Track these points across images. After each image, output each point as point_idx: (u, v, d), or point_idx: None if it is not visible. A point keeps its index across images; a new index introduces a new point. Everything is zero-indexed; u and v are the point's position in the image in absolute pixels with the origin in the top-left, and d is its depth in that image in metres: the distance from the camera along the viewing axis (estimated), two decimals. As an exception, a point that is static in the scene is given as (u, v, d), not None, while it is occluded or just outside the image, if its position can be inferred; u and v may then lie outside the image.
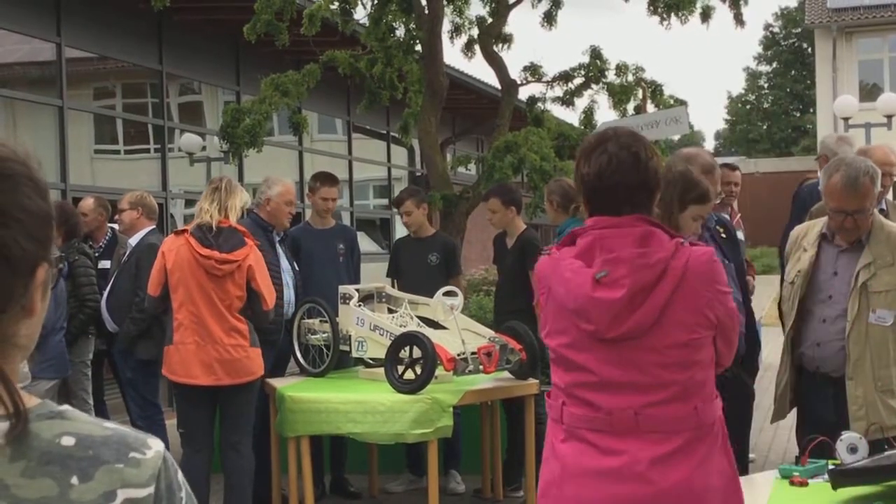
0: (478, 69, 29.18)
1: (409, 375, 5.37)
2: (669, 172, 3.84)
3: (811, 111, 46.53)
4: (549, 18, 10.97)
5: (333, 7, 10.31)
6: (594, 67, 10.87)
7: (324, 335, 6.03)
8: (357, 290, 6.06)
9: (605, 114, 55.67)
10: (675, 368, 2.67)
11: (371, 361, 6.03)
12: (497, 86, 11.30)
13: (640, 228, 2.71)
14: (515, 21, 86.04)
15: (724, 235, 4.37)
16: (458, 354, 5.45)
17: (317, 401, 5.47)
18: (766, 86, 58.20)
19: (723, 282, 2.74)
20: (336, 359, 6.02)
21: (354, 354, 6.01)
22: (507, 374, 5.75)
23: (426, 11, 9.96)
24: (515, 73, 10.83)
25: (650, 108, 10.49)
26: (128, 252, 6.59)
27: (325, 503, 6.62)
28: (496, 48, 10.75)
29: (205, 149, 12.41)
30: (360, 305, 5.97)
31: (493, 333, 5.70)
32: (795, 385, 4.20)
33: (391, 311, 6.13)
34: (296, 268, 6.46)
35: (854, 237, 4.00)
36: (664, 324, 2.65)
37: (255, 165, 12.09)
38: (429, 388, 5.30)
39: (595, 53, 10.91)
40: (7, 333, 1.09)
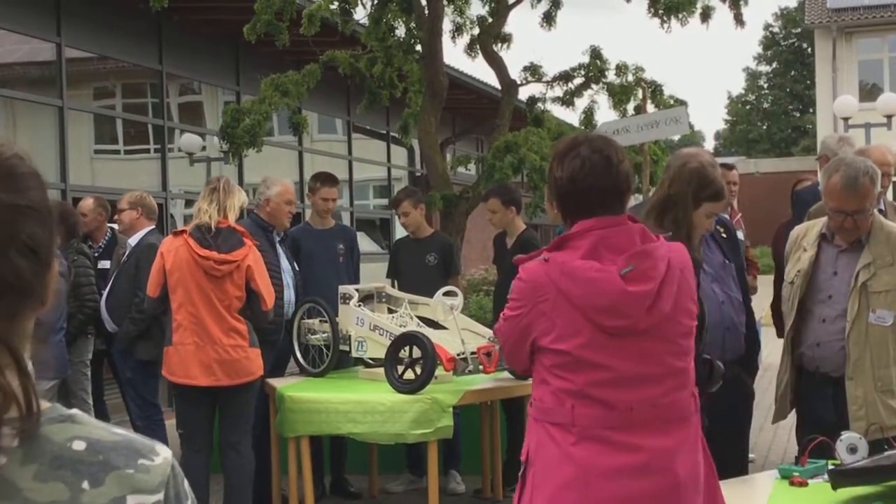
0: (478, 69, 29.21)
1: (409, 375, 5.37)
2: (683, 169, 3.82)
3: (811, 111, 46.53)
4: (549, 19, 10.96)
5: (333, 7, 10.31)
6: (594, 67, 10.86)
7: (324, 335, 6.03)
8: (357, 290, 6.05)
9: (605, 114, 55.52)
10: (681, 356, 2.80)
11: (371, 361, 6.03)
12: (497, 86, 11.30)
13: (637, 226, 2.80)
14: (515, 21, 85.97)
15: (725, 235, 4.36)
16: (458, 354, 5.45)
17: (317, 401, 5.46)
18: (766, 86, 58.20)
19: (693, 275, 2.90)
20: (336, 359, 6.02)
21: (354, 354, 6.01)
22: (507, 374, 5.74)
23: (426, 11, 9.95)
24: (515, 74, 10.84)
25: (650, 109, 10.48)
26: (127, 252, 6.59)
27: (325, 503, 6.62)
28: (496, 48, 10.75)
29: (205, 149, 12.41)
30: (360, 305, 5.97)
31: (493, 333, 5.70)
32: (795, 385, 4.20)
33: (391, 311, 6.13)
34: (296, 268, 6.46)
35: (854, 237, 4.00)
36: (675, 312, 2.76)
37: (255, 166, 12.08)
38: (429, 389, 5.30)
39: (595, 53, 10.90)
40: (27, 327, 1.10)
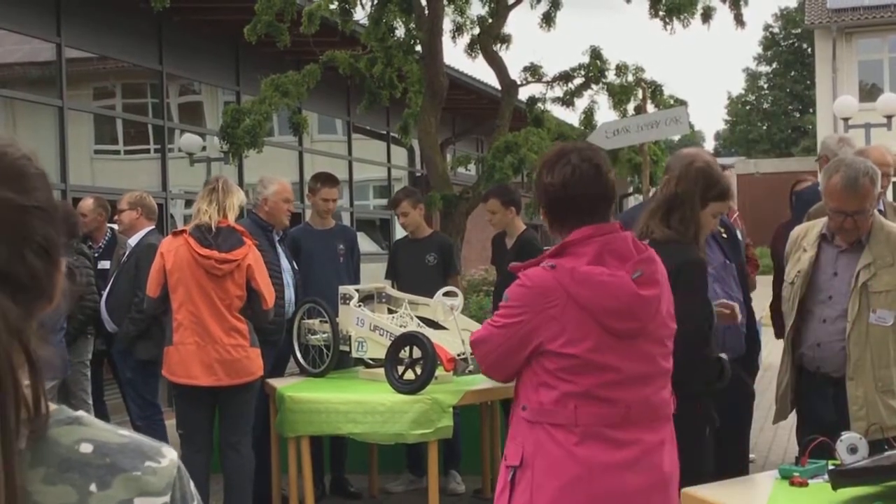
0: (478, 69, 29.22)
1: (409, 376, 5.36)
2: (690, 168, 3.81)
3: (811, 111, 46.53)
4: (548, 19, 10.95)
5: (333, 7, 10.31)
6: (594, 68, 10.86)
7: (324, 335, 6.02)
8: (357, 291, 6.05)
9: (605, 114, 55.54)
10: (667, 357, 2.97)
11: (371, 362, 6.03)
12: (497, 86, 11.29)
13: (629, 233, 2.96)
14: (515, 21, 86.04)
15: (725, 235, 4.36)
16: (458, 355, 5.45)
17: (317, 401, 5.46)
18: (766, 86, 58.22)
19: None
20: (336, 359, 6.01)
21: (354, 355, 6.01)
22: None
23: (426, 11, 9.95)
24: (515, 74, 10.83)
25: (650, 109, 10.48)
26: (127, 252, 6.59)
27: (325, 503, 6.62)
28: (496, 48, 10.74)
29: (205, 149, 12.41)
30: (360, 306, 5.97)
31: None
32: (796, 385, 4.19)
33: (391, 312, 6.13)
34: (295, 267, 6.46)
35: (854, 238, 4.00)
36: (665, 316, 2.93)
37: (255, 166, 12.08)
38: (429, 389, 5.30)
39: (595, 53, 10.89)
40: (34, 325, 1.10)
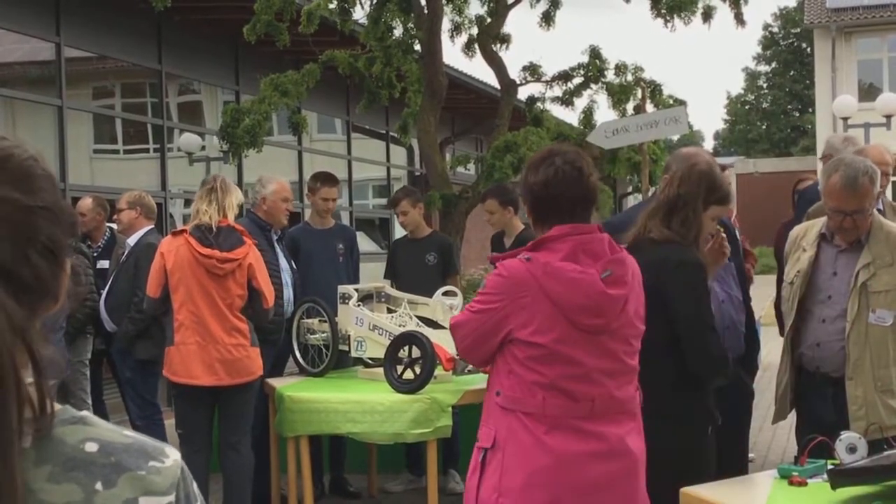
0: (477, 69, 29.14)
1: (409, 375, 5.36)
2: (693, 170, 3.80)
3: (810, 111, 46.54)
4: (548, 19, 10.97)
5: (332, 6, 10.31)
6: (593, 67, 10.87)
7: (323, 335, 6.02)
8: (356, 290, 6.05)
9: (605, 113, 55.63)
10: (633, 355, 3.11)
11: (370, 361, 6.02)
12: (496, 85, 11.30)
13: (606, 236, 3.08)
14: (514, 21, 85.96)
15: (724, 235, 4.35)
16: (458, 354, 5.44)
17: (316, 400, 5.46)
18: (766, 86, 58.25)
19: None
20: (335, 358, 6.01)
21: (353, 354, 6.01)
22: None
23: (425, 11, 9.95)
24: (515, 73, 10.84)
25: (649, 108, 10.49)
26: (126, 252, 6.59)
27: (325, 503, 6.62)
28: (495, 48, 10.75)
29: (204, 148, 12.41)
30: (360, 305, 5.97)
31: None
32: (795, 385, 4.19)
33: (390, 311, 6.12)
34: (294, 267, 6.46)
35: (853, 237, 3.99)
36: (633, 316, 3.08)
37: (255, 165, 12.07)
38: (428, 388, 5.30)
39: (594, 53, 10.90)
40: (38, 325, 1.11)
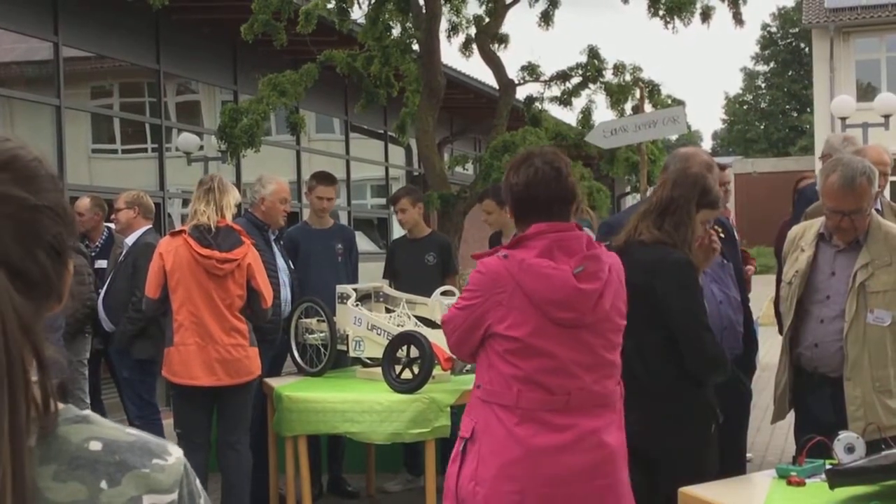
0: (475, 69, 29.20)
1: (407, 375, 5.36)
2: (687, 173, 3.81)
3: (808, 111, 46.58)
4: (546, 18, 10.97)
5: (330, 6, 10.30)
6: (592, 67, 10.86)
7: (321, 335, 6.02)
8: (355, 290, 6.05)
9: (603, 113, 55.55)
10: (612, 350, 3.20)
11: (368, 361, 6.02)
12: (495, 85, 11.30)
13: (584, 234, 3.19)
14: (513, 20, 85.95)
15: (723, 236, 4.36)
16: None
17: (314, 400, 5.46)
18: (764, 86, 58.27)
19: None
20: (333, 358, 6.01)
21: (352, 354, 6.00)
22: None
23: (423, 11, 9.95)
24: (513, 73, 10.84)
25: (648, 108, 10.48)
26: (124, 251, 6.59)
27: (323, 502, 6.62)
28: (493, 48, 10.74)
29: (202, 148, 12.40)
30: (358, 305, 5.97)
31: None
32: (794, 385, 4.19)
33: (389, 311, 6.12)
34: (291, 266, 6.46)
35: (851, 237, 3.99)
36: (611, 311, 3.16)
37: (253, 165, 12.06)
38: (426, 388, 5.30)
39: (593, 53, 10.90)
40: (42, 324, 1.11)
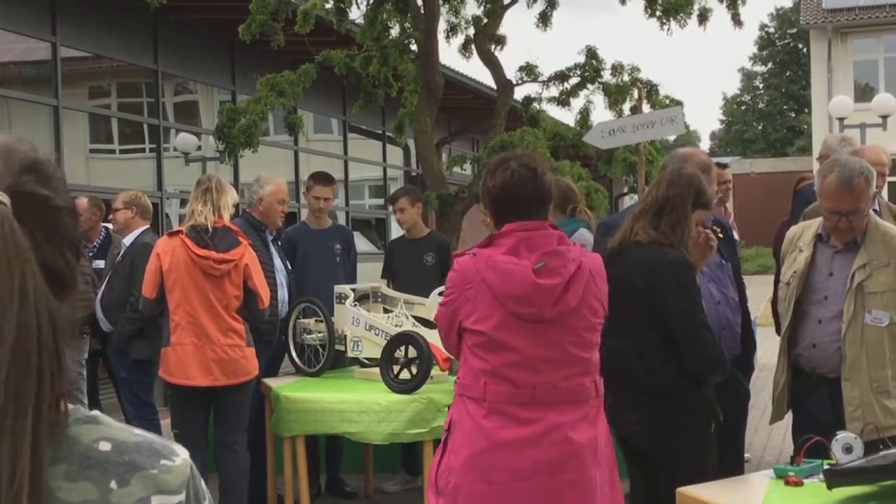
0: (474, 69, 29.19)
1: (405, 375, 5.36)
2: (683, 173, 3.82)
3: (806, 111, 46.57)
4: (544, 19, 10.97)
5: (328, 6, 10.30)
6: (590, 67, 10.87)
7: (319, 335, 6.02)
8: (353, 290, 6.05)
9: (601, 114, 55.55)
10: (583, 347, 3.26)
11: (367, 361, 6.02)
12: (493, 86, 11.30)
13: (556, 232, 3.28)
14: (511, 21, 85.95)
15: (721, 236, 4.36)
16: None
17: (312, 400, 5.46)
18: (762, 86, 58.28)
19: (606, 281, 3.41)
20: (332, 358, 6.01)
21: (350, 354, 6.01)
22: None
23: (422, 11, 9.95)
24: (511, 74, 10.84)
25: (646, 109, 10.48)
26: (122, 252, 6.58)
27: (321, 503, 6.62)
28: (492, 49, 10.74)
29: (200, 148, 12.40)
30: (356, 305, 5.97)
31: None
32: (792, 386, 4.19)
33: (387, 311, 6.12)
34: (288, 267, 6.45)
35: (849, 238, 3.99)
36: (580, 308, 3.23)
37: (251, 165, 12.06)
38: (424, 388, 5.30)
39: (591, 53, 10.90)
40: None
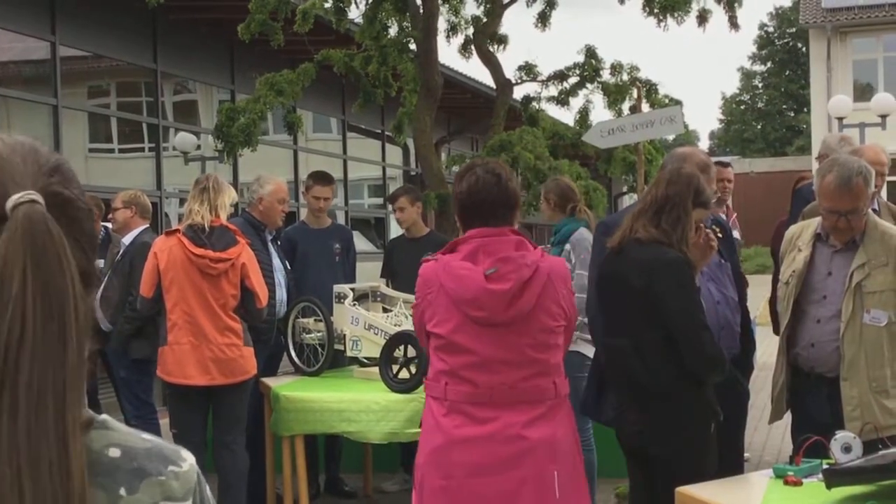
0: (473, 68, 29.20)
1: (404, 374, 5.37)
2: (679, 173, 3.83)
3: (805, 111, 46.59)
4: (543, 19, 10.96)
5: (327, 5, 10.29)
6: (589, 67, 10.86)
7: (318, 334, 6.02)
8: (352, 290, 6.05)
9: (600, 113, 55.64)
10: (541, 349, 3.36)
11: (366, 361, 6.03)
12: (492, 85, 11.30)
13: (515, 237, 3.40)
14: (510, 20, 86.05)
15: (720, 235, 4.36)
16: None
17: (311, 400, 5.46)
18: (761, 85, 58.29)
19: (570, 284, 3.54)
20: (331, 358, 6.01)
21: (349, 353, 6.01)
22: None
23: (421, 10, 9.94)
24: (510, 73, 10.84)
25: (645, 108, 10.48)
26: (121, 251, 6.58)
27: (320, 502, 6.62)
28: (492, 48, 10.74)
29: (199, 148, 12.40)
30: (355, 304, 5.97)
31: None
32: (790, 385, 4.19)
33: (386, 311, 6.12)
34: (287, 267, 6.45)
35: (847, 237, 3.99)
36: (536, 311, 3.32)
37: (250, 165, 12.06)
38: (423, 388, 5.29)
39: (590, 53, 10.90)
40: None
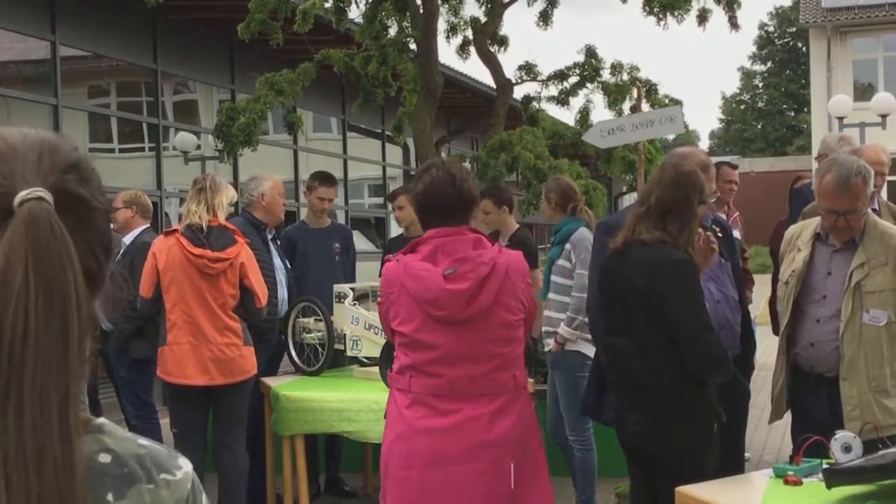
0: (473, 68, 29.19)
1: (404, 374, 5.36)
2: (686, 174, 3.81)
3: (806, 111, 46.58)
4: (545, 18, 10.96)
5: (327, 5, 10.30)
6: (589, 67, 10.86)
7: (319, 334, 6.03)
8: (352, 289, 6.05)
9: (601, 113, 55.60)
10: (500, 343, 3.47)
11: (366, 360, 6.03)
12: (492, 85, 11.30)
13: (472, 236, 3.51)
14: (511, 20, 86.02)
15: (721, 235, 4.36)
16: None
17: (312, 400, 5.47)
18: (761, 85, 58.29)
19: (528, 277, 3.61)
20: (331, 358, 6.02)
21: (349, 353, 6.01)
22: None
23: (421, 10, 9.94)
24: (510, 72, 10.84)
25: (645, 108, 10.48)
26: (122, 251, 6.58)
27: (320, 502, 6.62)
28: (491, 48, 10.74)
29: (199, 147, 12.40)
30: (355, 304, 5.97)
31: None
32: (790, 385, 4.19)
33: (386, 310, 6.12)
34: (288, 266, 6.46)
35: (847, 237, 3.99)
36: (495, 307, 3.43)
37: (250, 164, 12.06)
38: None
39: (590, 53, 10.90)
40: None
